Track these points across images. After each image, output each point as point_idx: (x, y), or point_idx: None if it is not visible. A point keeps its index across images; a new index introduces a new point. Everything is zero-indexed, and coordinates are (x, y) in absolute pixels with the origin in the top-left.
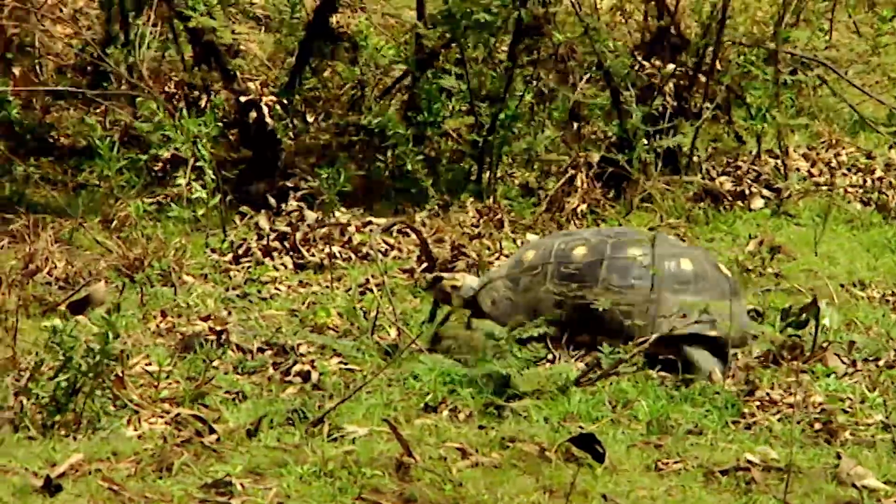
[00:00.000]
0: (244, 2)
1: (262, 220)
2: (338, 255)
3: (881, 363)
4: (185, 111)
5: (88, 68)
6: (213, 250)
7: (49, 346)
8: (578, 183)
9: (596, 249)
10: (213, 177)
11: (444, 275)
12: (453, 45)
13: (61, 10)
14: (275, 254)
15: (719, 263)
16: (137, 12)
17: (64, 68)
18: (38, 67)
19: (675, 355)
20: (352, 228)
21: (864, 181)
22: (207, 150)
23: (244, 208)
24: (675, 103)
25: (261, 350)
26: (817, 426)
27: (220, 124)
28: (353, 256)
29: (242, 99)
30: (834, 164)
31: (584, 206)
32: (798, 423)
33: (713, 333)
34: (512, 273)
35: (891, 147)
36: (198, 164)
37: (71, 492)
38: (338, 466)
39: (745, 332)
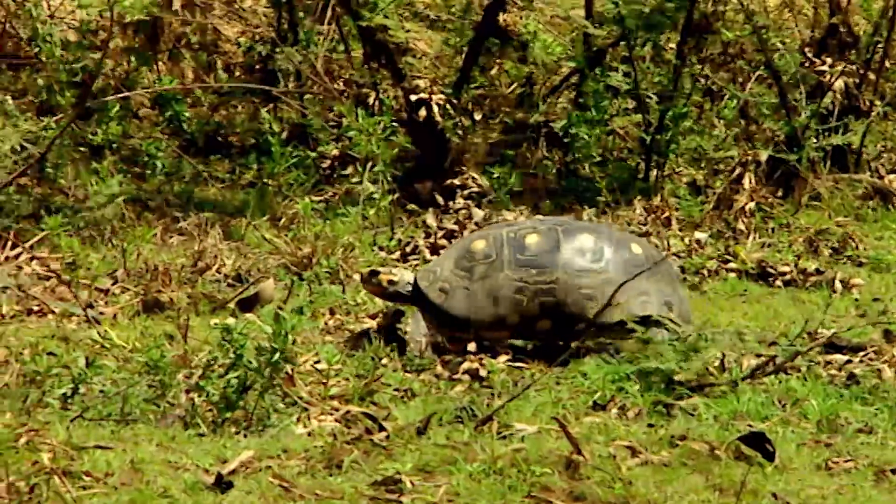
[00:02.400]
0: (417, 1)
1: (430, 218)
2: None
3: None
4: (356, 109)
5: (257, 66)
6: (381, 248)
7: (220, 344)
8: (746, 181)
9: (549, 236)
10: (386, 175)
11: (381, 269)
12: (621, 43)
13: (230, 9)
14: (442, 251)
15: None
16: (309, 11)
17: (232, 67)
18: (207, 66)
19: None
20: None
21: None
22: (383, 148)
23: (412, 206)
24: (844, 101)
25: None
26: None
27: (394, 123)
28: None
29: (412, 97)
30: None
31: (751, 205)
32: None
33: (671, 315)
34: (462, 263)
35: None
36: (368, 161)
37: (242, 488)
38: (507, 464)
39: (688, 315)
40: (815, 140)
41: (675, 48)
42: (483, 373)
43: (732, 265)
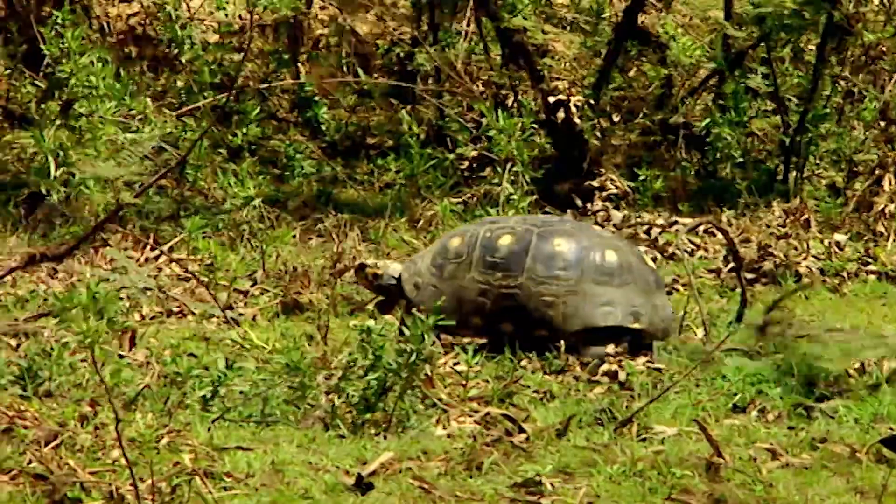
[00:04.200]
0: (556, 3)
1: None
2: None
3: None
4: (495, 111)
5: (395, 68)
6: None
7: (360, 346)
8: (886, 183)
9: (522, 239)
10: (525, 177)
11: (368, 262)
12: (761, 44)
13: (369, 10)
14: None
15: (644, 255)
16: (450, 12)
17: (371, 68)
18: (345, 67)
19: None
20: (657, 228)
21: None
22: (522, 149)
23: (550, 208)
24: None
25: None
26: None
27: (533, 124)
28: (659, 256)
29: (551, 99)
30: None
31: (891, 207)
32: None
33: (636, 326)
34: (437, 260)
35: None
36: (507, 163)
37: (382, 490)
38: (647, 466)
39: (668, 325)
40: None
41: (815, 50)
42: (622, 375)
43: (872, 267)
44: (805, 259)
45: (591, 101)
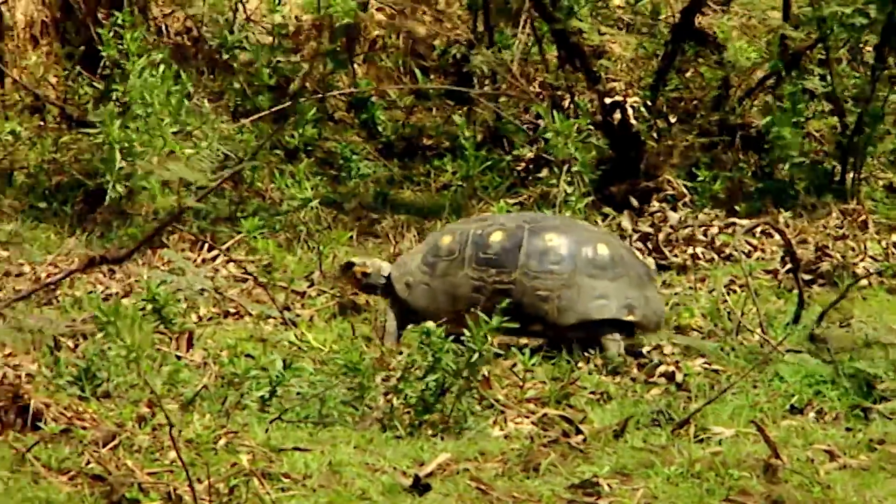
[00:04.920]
0: (613, 5)
1: (625, 221)
2: (701, 255)
3: None
4: (551, 112)
5: (451, 70)
6: None
7: (418, 347)
8: None
9: (513, 235)
10: (582, 178)
11: (356, 260)
12: (818, 45)
13: (425, 12)
14: (637, 254)
15: (633, 249)
16: (506, 14)
17: (428, 69)
18: (401, 68)
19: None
20: (714, 229)
21: None
22: (579, 151)
23: (606, 209)
24: None
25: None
26: None
27: (589, 126)
28: (716, 257)
29: (607, 100)
30: None
31: None
32: None
33: (631, 318)
34: (428, 258)
35: None
36: (564, 164)
37: (439, 491)
38: (705, 468)
39: (660, 318)
40: None
41: (874, 50)
42: (679, 376)
43: None
44: (862, 260)
45: (648, 103)
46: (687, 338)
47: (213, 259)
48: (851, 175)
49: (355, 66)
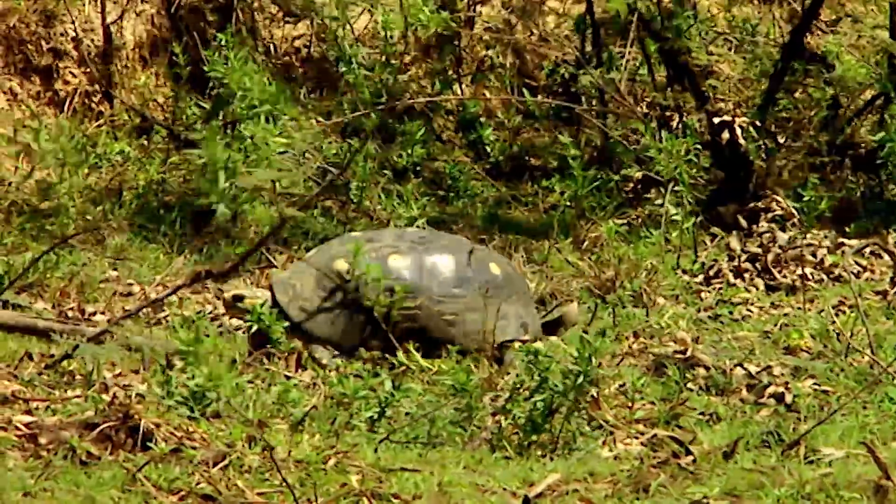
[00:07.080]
0: (721, 25)
1: (734, 241)
2: (810, 276)
3: None
4: (659, 132)
5: (559, 89)
6: (685, 271)
7: (526, 367)
8: None
9: (412, 258)
10: (690, 198)
11: (244, 292)
12: None
13: (533, 31)
14: (746, 275)
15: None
16: (614, 33)
17: (535, 89)
18: (510, 88)
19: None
20: (823, 250)
21: None
22: (686, 170)
23: (715, 229)
24: None
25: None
26: None
27: (697, 145)
28: (825, 278)
29: (716, 120)
30: None
31: None
32: None
33: (526, 337)
34: (323, 283)
35: None
36: (671, 184)
37: None
38: (815, 489)
39: (539, 334)
40: None
41: None
42: (789, 397)
43: None
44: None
45: (757, 122)
46: (796, 359)
47: None
48: None
49: (463, 85)
